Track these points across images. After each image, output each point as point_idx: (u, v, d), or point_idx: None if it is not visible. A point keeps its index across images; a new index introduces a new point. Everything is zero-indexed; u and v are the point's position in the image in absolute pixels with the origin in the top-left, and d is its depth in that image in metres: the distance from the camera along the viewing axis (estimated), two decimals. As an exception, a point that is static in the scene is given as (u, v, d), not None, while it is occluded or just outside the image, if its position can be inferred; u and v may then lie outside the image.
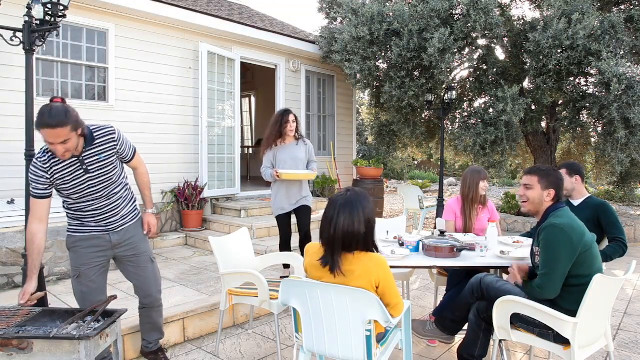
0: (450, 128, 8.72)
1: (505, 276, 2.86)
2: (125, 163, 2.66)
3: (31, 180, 2.36)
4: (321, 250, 2.14)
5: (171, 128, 6.46)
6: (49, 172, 2.35)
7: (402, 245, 3.10)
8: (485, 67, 7.90)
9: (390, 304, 2.12)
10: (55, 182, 2.38)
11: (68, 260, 4.28)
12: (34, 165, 2.35)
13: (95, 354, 1.98)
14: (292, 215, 4.37)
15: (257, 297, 3.00)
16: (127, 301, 3.55)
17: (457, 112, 8.45)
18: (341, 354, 2.10)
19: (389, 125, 9.06)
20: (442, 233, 3.18)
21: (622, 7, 7.56)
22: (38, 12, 3.09)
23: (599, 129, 7.20)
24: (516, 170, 12.13)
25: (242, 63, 7.36)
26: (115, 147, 2.50)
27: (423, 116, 9.06)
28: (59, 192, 2.45)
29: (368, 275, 2.05)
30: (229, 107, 7.11)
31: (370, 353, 2.06)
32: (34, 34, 3.12)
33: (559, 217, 2.40)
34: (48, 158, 2.35)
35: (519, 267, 2.66)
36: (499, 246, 3.12)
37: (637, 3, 7.35)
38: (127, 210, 2.64)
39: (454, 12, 7.15)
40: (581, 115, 7.35)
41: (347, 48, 7.33)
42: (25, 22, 3.08)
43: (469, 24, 6.62)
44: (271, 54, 7.79)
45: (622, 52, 6.53)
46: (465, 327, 2.83)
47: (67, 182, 2.39)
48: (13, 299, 3.56)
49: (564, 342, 2.25)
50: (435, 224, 4.63)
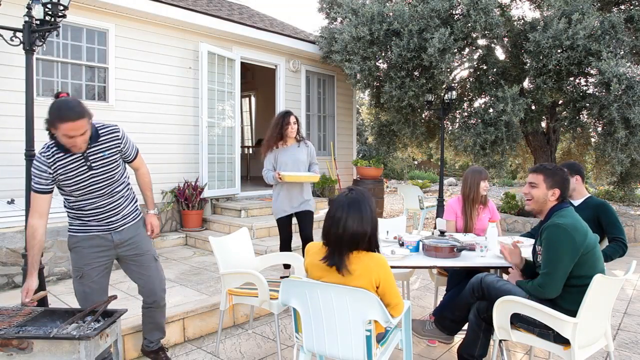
0: (450, 128, 8.72)
1: (505, 276, 2.86)
2: (128, 163, 2.67)
3: (34, 174, 2.35)
4: (322, 250, 2.13)
5: (171, 128, 6.47)
6: (52, 167, 2.34)
7: (402, 245, 3.10)
8: (485, 67, 7.90)
9: (391, 304, 2.12)
10: (58, 178, 2.37)
11: (68, 260, 4.29)
12: (38, 159, 2.34)
13: (95, 354, 1.98)
14: (293, 217, 4.31)
15: (257, 297, 3.00)
16: (127, 301, 3.55)
17: (457, 112, 8.45)
18: (341, 354, 2.10)
19: (389, 125, 9.06)
20: (442, 233, 3.19)
21: (622, 7, 7.56)
22: (38, 12, 3.09)
23: (599, 129, 7.21)
24: (516, 170, 12.12)
25: (242, 63, 7.35)
26: (119, 146, 2.51)
27: (423, 116, 9.07)
28: (60, 189, 2.44)
29: (368, 274, 2.05)
30: (229, 107, 7.11)
31: (370, 353, 2.06)
32: (34, 34, 3.12)
33: (562, 216, 2.40)
34: (52, 153, 2.35)
35: (509, 250, 2.69)
36: (498, 246, 3.12)
37: (637, 3, 7.35)
38: (128, 210, 2.63)
39: (454, 12, 7.15)
40: (581, 115, 7.35)
41: (347, 48, 7.33)
42: (25, 22, 3.08)
43: (469, 24, 6.62)
44: (271, 54, 7.79)
45: (622, 52, 6.53)
46: (465, 327, 2.83)
47: (70, 178, 2.38)
48: (13, 299, 3.56)
49: (564, 342, 2.25)
50: (435, 224, 4.63)
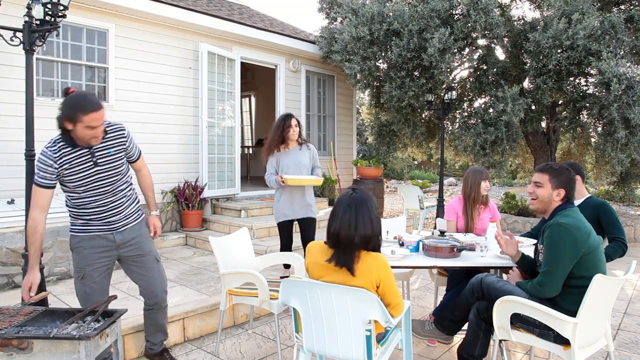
0: (450, 128, 8.72)
1: (505, 276, 2.86)
2: (131, 163, 2.69)
3: (38, 168, 2.34)
4: (324, 249, 2.14)
5: (171, 128, 6.47)
6: (57, 162, 2.34)
7: (402, 245, 3.10)
8: (485, 67, 7.90)
9: (391, 304, 2.12)
10: (63, 173, 2.37)
11: (68, 260, 4.29)
12: (44, 154, 2.34)
13: (95, 354, 1.98)
14: (295, 222, 4.22)
15: (257, 297, 3.00)
16: (127, 301, 3.55)
17: (457, 112, 8.45)
18: (341, 354, 2.10)
19: (389, 125, 9.06)
20: (442, 233, 3.19)
21: (622, 7, 7.56)
22: (38, 12, 3.09)
23: (599, 129, 7.20)
24: (516, 170, 12.12)
25: (242, 63, 7.35)
26: (124, 144, 2.55)
27: (423, 116, 9.07)
28: (64, 185, 2.43)
29: (369, 274, 2.05)
30: (229, 107, 7.11)
31: (370, 353, 2.06)
32: (34, 34, 3.12)
33: (566, 216, 2.39)
34: (59, 147, 2.36)
35: (506, 240, 2.70)
36: (498, 246, 3.12)
37: (637, 3, 7.35)
38: (130, 210, 2.63)
39: (454, 12, 7.15)
40: (581, 115, 7.35)
41: (347, 48, 7.33)
42: (25, 22, 3.08)
43: (469, 24, 6.62)
44: (271, 54, 7.79)
45: (622, 52, 6.53)
46: (465, 327, 2.83)
47: (75, 173, 2.38)
48: (13, 299, 3.56)
49: (564, 342, 2.25)
50: (435, 224, 4.63)
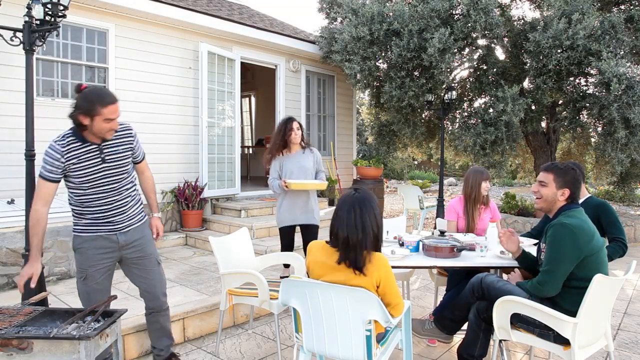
0: (450, 128, 8.72)
1: (505, 276, 2.86)
2: (135, 164, 2.71)
3: (45, 162, 2.35)
4: (325, 248, 2.15)
5: (171, 128, 6.46)
6: (65, 156, 2.35)
7: (402, 245, 3.10)
8: (485, 67, 7.90)
9: (391, 304, 2.13)
10: (70, 168, 2.37)
11: (68, 261, 4.29)
12: (52, 147, 2.36)
13: (95, 354, 1.98)
14: (297, 228, 4.16)
15: (257, 297, 3.00)
16: (127, 301, 3.55)
17: (457, 112, 8.45)
18: (341, 354, 2.10)
19: (389, 125, 9.06)
20: (442, 233, 3.19)
21: (622, 7, 7.56)
22: (38, 12, 3.09)
23: (599, 129, 7.20)
24: (516, 170, 12.12)
25: (242, 63, 7.35)
26: (131, 144, 2.58)
27: (423, 116, 9.06)
28: (70, 181, 2.43)
29: (370, 273, 2.06)
30: (229, 107, 7.11)
31: (370, 353, 2.06)
32: (34, 34, 3.12)
33: (570, 216, 2.39)
34: (68, 142, 2.37)
35: (507, 236, 2.71)
36: (499, 246, 3.12)
37: (637, 3, 7.34)
38: (133, 211, 2.63)
39: (454, 12, 7.15)
40: (581, 115, 7.35)
41: (347, 48, 7.33)
42: (25, 22, 3.08)
43: (469, 24, 6.62)
44: (271, 54, 7.79)
45: (622, 52, 6.53)
46: (464, 327, 2.83)
47: (82, 169, 2.39)
48: (13, 299, 3.56)
49: (564, 342, 2.25)
50: (435, 224, 4.63)
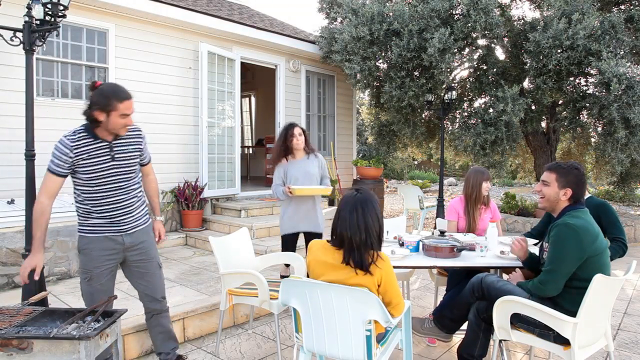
0: (450, 128, 8.72)
1: (505, 276, 2.86)
2: (142, 166, 2.74)
3: (54, 156, 2.36)
4: (326, 247, 2.15)
5: (171, 128, 6.46)
6: (74, 151, 2.36)
7: (402, 245, 3.10)
8: (485, 67, 7.90)
9: (391, 303, 2.13)
10: (80, 163, 2.38)
11: (68, 260, 4.29)
12: (61, 142, 2.36)
13: (95, 354, 1.98)
14: (300, 236, 4.05)
15: (257, 297, 3.00)
16: (127, 301, 3.55)
17: (457, 112, 8.45)
18: (341, 354, 2.10)
19: (389, 125, 9.06)
20: (442, 233, 3.18)
21: (622, 7, 7.56)
22: (38, 12, 3.09)
23: (599, 129, 7.20)
24: (516, 170, 12.12)
25: (242, 63, 7.35)
26: (140, 144, 2.63)
27: (423, 116, 9.07)
28: (78, 177, 2.42)
29: (372, 272, 2.06)
30: (229, 107, 7.11)
31: (370, 353, 2.06)
32: (34, 34, 3.12)
33: (575, 217, 2.38)
34: (79, 137, 2.38)
35: (520, 247, 2.69)
36: (499, 246, 3.12)
37: (637, 3, 7.35)
38: (139, 212, 2.64)
39: (454, 12, 7.15)
40: (581, 115, 7.35)
41: (347, 48, 7.33)
42: (25, 22, 3.08)
43: (469, 24, 6.62)
44: (271, 54, 7.79)
45: (622, 52, 6.53)
46: (464, 326, 2.83)
47: (92, 165, 2.40)
48: (13, 299, 3.56)
49: (564, 342, 2.25)
50: (435, 224, 4.63)
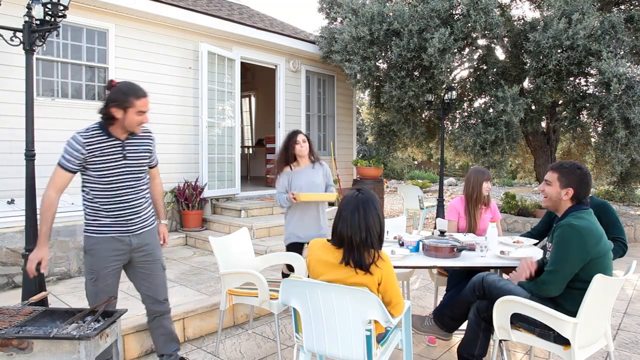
0: (450, 128, 8.72)
1: (505, 276, 2.86)
2: (150, 168, 2.75)
3: (65, 151, 2.36)
4: (327, 246, 2.16)
5: (171, 128, 6.46)
6: (86, 148, 2.36)
7: (402, 245, 3.10)
8: (485, 67, 7.90)
9: (392, 303, 2.13)
10: (91, 160, 2.38)
11: (68, 261, 4.29)
12: (74, 138, 2.36)
13: (95, 354, 1.98)
14: (305, 246, 3.88)
15: (257, 297, 3.00)
16: (127, 301, 3.55)
17: (457, 112, 8.45)
18: (341, 354, 2.10)
19: (389, 125, 9.06)
20: (442, 233, 3.18)
21: (622, 7, 7.56)
22: (38, 12, 3.09)
23: (599, 129, 7.20)
24: (516, 170, 12.12)
25: (242, 63, 7.35)
26: (150, 145, 2.68)
27: (423, 116, 9.07)
28: (88, 175, 2.42)
29: (373, 271, 2.06)
30: (229, 107, 7.11)
31: (370, 353, 2.06)
32: (34, 34, 3.12)
33: (579, 218, 2.37)
34: (92, 134, 2.40)
35: (529, 263, 2.62)
36: (499, 246, 3.12)
37: (637, 3, 7.35)
38: (147, 214, 2.65)
39: (454, 12, 7.15)
40: (581, 115, 7.35)
41: (347, 48, 7.33)
42: (25, 22, 3.08)
43: (469, 24, 6.62)
44: (271, 54, 7.79)
45: (622, 52, 6.53)
46: (463, 326, 2.83)
47: (104, 162, 2.41)
48: (13, 299, 3.56)
49: (564, 342, 2.25)
50: (435, 224, 4.63)
